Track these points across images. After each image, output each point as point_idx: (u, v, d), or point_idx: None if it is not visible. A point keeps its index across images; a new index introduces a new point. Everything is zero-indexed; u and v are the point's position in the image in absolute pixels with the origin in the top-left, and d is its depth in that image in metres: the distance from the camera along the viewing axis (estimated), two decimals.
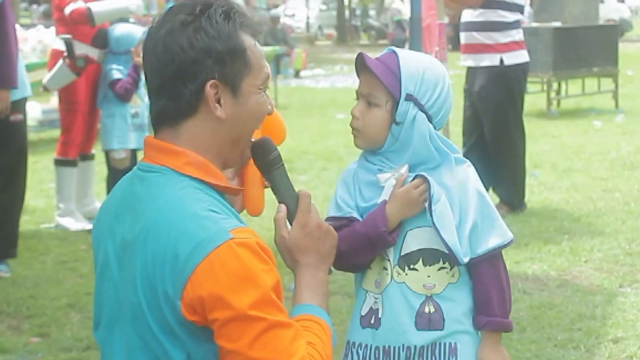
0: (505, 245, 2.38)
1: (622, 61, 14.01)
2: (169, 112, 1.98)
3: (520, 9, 7.03)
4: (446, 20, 5.35)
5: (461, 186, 2.35)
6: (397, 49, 2.40)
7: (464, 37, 6.98)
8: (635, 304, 4.94)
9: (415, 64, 2.36)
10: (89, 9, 6.61)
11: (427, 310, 2.34)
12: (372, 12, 40.53)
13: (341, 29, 35.82)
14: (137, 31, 6.78)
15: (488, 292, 2.35)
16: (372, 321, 2.40)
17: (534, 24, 12.84)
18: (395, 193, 2.35)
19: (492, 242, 2.35)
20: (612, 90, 13.40)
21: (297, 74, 20.90)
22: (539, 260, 5.74)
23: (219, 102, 1.97)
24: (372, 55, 2.41)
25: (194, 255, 1.85)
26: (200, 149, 1.98)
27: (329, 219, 2.38)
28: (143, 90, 6.68)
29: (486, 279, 2.36)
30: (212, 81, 1.95)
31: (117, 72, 6.73)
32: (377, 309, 2.39)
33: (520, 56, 6.92)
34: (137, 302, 1.91)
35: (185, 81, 1.95)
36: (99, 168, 7.54)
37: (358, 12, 40.44)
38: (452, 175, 2.35)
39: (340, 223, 2.35)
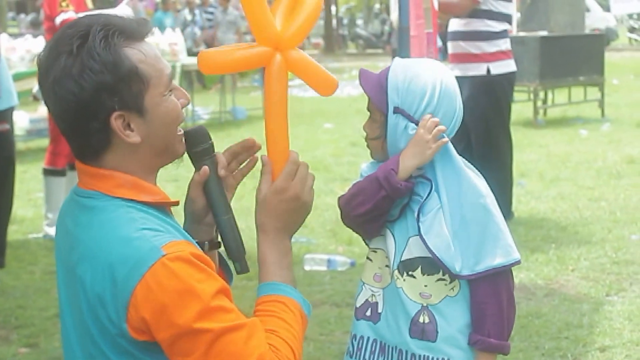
0: (507, 266, 2.31)
1: (608, 70, 14.07)
2: (86, 150, 1.97)
3: (507, 18, 7.03)
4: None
5: (465, 199, 2.29)
6: (397, 59, 2.36)
7: (450, 47, 6.99)
8: (622, 312, 4.97)
9: (404, 74, 2.30)
10: None
11: (421, 319, 2.30)
12: (359, 22, 40.56)
13: (328, 38, 35.79)
14: None
15: (483, 310, 2.31)
16: (369, 314, 2.39)
17: (521, 33, 12.89)
18: (411, 139, 2.29)
19: (493, 260, 2.28)
20: (598, 99, 13.44)
21: None
22: (526, 269, 5.74)
23: (129, 127, 1.93)
24: (365, 65, 2.39)
25: (130, 279, 1.84)
26: (128, 170, 1.97)
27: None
28: None
29: (483, 297, 2.30)
30: (115, 113, 1.91)
31: None
32: (376, 303, 2.38)
33: (507, 66, 6.92)
34: (87, 328, 1.92)
35: (88, 121, 1.91)
36: None
37: (345, 21, 40.46)
38: (458, 188, 2.30)
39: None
